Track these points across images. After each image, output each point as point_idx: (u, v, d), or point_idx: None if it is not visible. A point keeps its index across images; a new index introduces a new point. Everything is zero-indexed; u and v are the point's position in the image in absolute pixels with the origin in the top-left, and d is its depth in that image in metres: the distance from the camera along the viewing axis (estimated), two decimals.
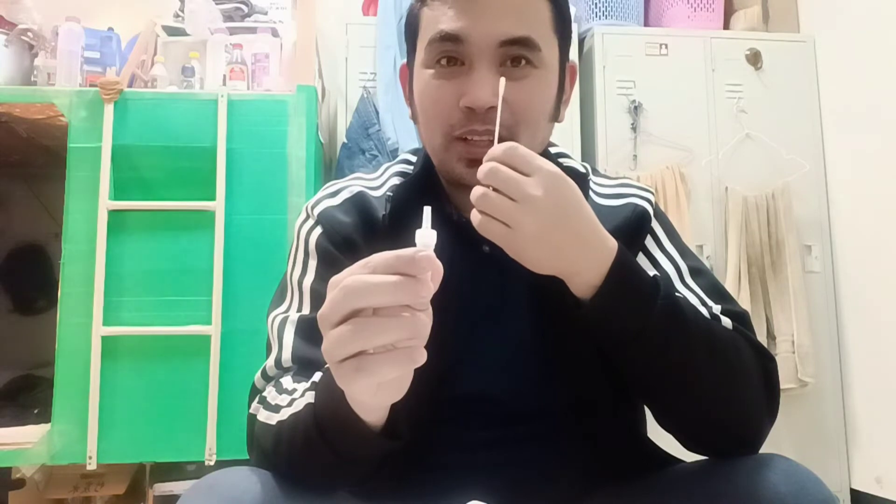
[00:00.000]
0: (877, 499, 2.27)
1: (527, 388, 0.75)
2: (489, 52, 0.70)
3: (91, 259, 1.73)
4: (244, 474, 0.61)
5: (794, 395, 2.33)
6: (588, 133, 2.50)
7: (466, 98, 0.69)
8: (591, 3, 2.60)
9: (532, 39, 0.71)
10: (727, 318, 0.71)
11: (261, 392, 0.72)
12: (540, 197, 0.59)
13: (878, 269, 2.30)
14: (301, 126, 1.84)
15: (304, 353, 0.72)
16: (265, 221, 1.79)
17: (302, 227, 0.81)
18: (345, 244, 0.77)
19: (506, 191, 0.58)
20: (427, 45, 0.72)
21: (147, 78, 1.98)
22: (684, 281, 0.78)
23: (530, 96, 0.72)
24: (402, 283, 0.47)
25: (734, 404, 0.66)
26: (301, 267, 0.79)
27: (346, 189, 0.82)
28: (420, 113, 0.77)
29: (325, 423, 0.59)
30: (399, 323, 0.47)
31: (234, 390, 1.72)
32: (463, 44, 0.70)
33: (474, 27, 0.70)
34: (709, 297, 0.76)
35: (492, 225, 0.60)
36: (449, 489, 0.69)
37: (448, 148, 0.73)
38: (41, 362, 2.11)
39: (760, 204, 2.45)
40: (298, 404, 0.63)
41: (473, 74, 0.70)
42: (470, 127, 0.70)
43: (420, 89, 0.75)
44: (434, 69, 0.73)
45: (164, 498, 1.82)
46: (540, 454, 0.74)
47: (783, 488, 0.58)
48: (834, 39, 2.54)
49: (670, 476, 0.69)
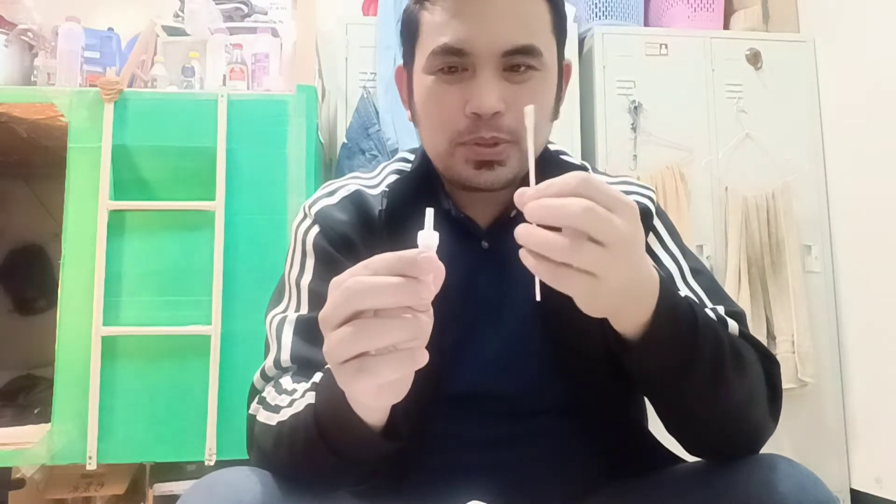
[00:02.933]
0: (877, 499, 2.27)
1: (528, 386, 0.75)
2: (493, 60, 0.70)
3: (91, 259, 1.73)
4: (244, 474, 0.61)
5: (794, 395, 2.33)
6: (588, 133, 2.50)
7: (472, 105, 0.70)
8: (591, 3, 2.60)
9: (535, 47, 0.71)
10: (733, 322, 0.70)
11: (260, 392, 0.72)
12: (628, 238, 0.49)
13: (878, 269, 2.30)
14: (301, 126, 1.84)
15: (304, 353, 0.72)
16: (265, 221, 1.79)
17: (299, 227, 0.81)
18: (342, 243, 0.77)
19: (595, 233, 0.48)
20: (430, 54, 0.72)
21: (147, 78, 1.98)
22: (686, 280, 0.77)
23: (534, 100, 0.71)
24: (404, 284, 0.46)
25: (745, 415, 0.66)
26: (299, 267, 0.79)
27: (343, 188, 0.82)
28: (423, 118, 0.76)
29: (325, 424, 0.59)
30: (401, 324, 0.47)
31: (234, 390, 1.72)
32: (467, 55, 0.70)
33: (478, 38, 0.70)
34: (709, 297, 0.76)
35: (575, 279, 0.49)
36: (449, 488, 0.69)
37: (453, 153, 0.73)
38: (41, 362, 2.11)
39: (760, 204, 2.45)
40: (299, 405, 0.63)
41: (478, 81, 0.70)
42: (477, 134, 0.71)
43: (422, 95, 0.75)
44: (436, 75, 0.73)
45: (164, 498, 1.81)
46: (541, 452, 0.74)
47: (784, 488, 0.58)
48: (834, 39, 2.54)
49: (671, 476, 0.69)
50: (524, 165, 0.73)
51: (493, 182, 0.73)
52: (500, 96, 0.69)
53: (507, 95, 0.70)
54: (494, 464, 0.73)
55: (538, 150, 0.76)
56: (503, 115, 0.70)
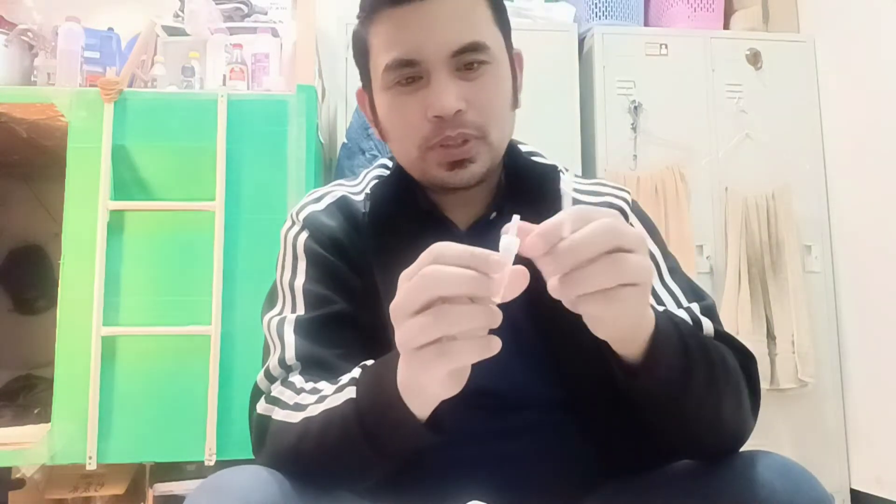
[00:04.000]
0: (877, 499, 2.27)
1: (525, 382, 0.76)
2: (444, 63, 0.73)
3: (91, 259, 1.73)
4: (251, 474, 0.61)
5: (794, 395, 2.33)
6: (588, 133, 2.50)
7: (432, 109, 0.72)
8: (591, 3, 2.60)
9: (481, 42, 0.74)
10: (707, 321, 0.71)
11: (266, 393, 0.72)
12: (650, 271, 0.52)
13: (878, 269, 2.30)
14: (301, 126, 1.84)
15: (309, 352, 0.72)
16: (265, 221, 1.79)
17: (288, 233, 0.83)
18: (332, 245, 0.79)
19: (628, 280, 0.50)
20: (383, 71, 0.75)
21: (147, 78, 1.98)
22: (664, 281, 0.78)
23: (491, 94, 0.76)
24: (479, 276, 0.49)
25: (729, 418, 0.66)
26: (291, 270, 0.80)
27: (329, 195, 0.85)
28: (390, 131, 0.79)
29: (368, 417, 0.60)
30: (479, 310, 0.49)
31: (234, 390, 1.72)
32: (419, 63, 0.73)
33: (425, 45, 0.72)
34: (685, 296, 0.77)
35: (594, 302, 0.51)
36: (449, 486, 0.69)
37: (425, 157, 0.76)
38: (41, 362, 2.12)
39: (760, 204, 2.45)
40: (333, 400, 0.63)
41: (433, 85, 0.73)
42: (443, 135, 0.73)
43: (385, 110, 0.78)
44: (394, 89, 0.75)
45: (164, 498, 1.81)
46: (539, 449, 0.75)
47: (778, 486, 0.58)
48: (834, 39, 2.54)
49: (666, 475, 0.69)
50: (494, 159, 0.77)
51: (468, 180, 0.76)
52: (457, 95, 0.72)
53: (465, 93, 0.73)
54: (493, 460, 0.73)
55: (504, 140, 0.79)
56: (464, 112, 0.73)
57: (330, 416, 0.63)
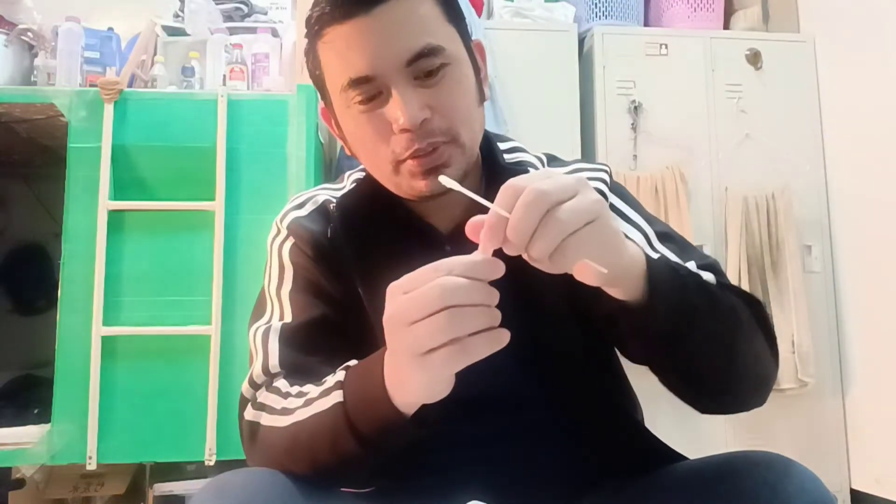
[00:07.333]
0: (877, 499, 2.27)
1: (518, 385, 0.76)
2: (401, 74, 0.70)
3: (91, 259, 1.73)
4: (254, 475, 0.61)
5: (794, 395, 2.33)
6: (588, 133, 2.50)
7: (398, 123, 0.69)
8: (591, 3, 2.60)
9: (435, 45, 0.70)
10: (708, 273, 0.72)
11: (251, 400, 0.73)
12: (591, 206, 0.54)
13: (878, 269, 2.30)
14: (301, 126, 1.84)
15: (292, 360, 0.73)
16: (265, 221, 1.76)
17: (274, 242, 0.85)
18: (316, 251, 0.79)
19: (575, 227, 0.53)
20: (340, 91, 0.73)
21: (147, 78, 1.98)
22: (653, 246, 0.78)
23: (455, 96, 0.72)
24: (487, 286, 0.53)
25: (745, 356, 0.68)
26: (277, 279, 0.81)
27: (311, 200, 0.85)
28: (359, 150, 0.78)
29: (358, 418, 0.61)
30: (487, 311, 0.53)
31: (234, 390, 1.70)
32: (375, 79, 0.70)
33: (378, 59, 0.69)
34: (681, 256, 0.76)
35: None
36: (447, 488, 0.69)
37: (398, 170, 0.73)
38: (41, 362, 2.11)
39: (760, 204, 2.45)
40: (322, 404, 0.64)
41: (394, 98, 0.69)
42: (413, 148, 0.70)
43: (350, 130, 0.76)
44: (355, 108, 0.73)
45: (164, 498, 1.81)
46: (538, 450, 0.75)
47: (783, 488, 0.58)
48: (834, 39, 2.54)
49: (668, 476, 0.69)
50: (469, 159, 0.75)
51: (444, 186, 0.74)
52: (420, 104, 0.69)
53: (428, 100, 0.70)
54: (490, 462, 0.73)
55: (475, 139, 0.77)
56: (430, 119, 0.70)
57: (319, 418, 0.63)
